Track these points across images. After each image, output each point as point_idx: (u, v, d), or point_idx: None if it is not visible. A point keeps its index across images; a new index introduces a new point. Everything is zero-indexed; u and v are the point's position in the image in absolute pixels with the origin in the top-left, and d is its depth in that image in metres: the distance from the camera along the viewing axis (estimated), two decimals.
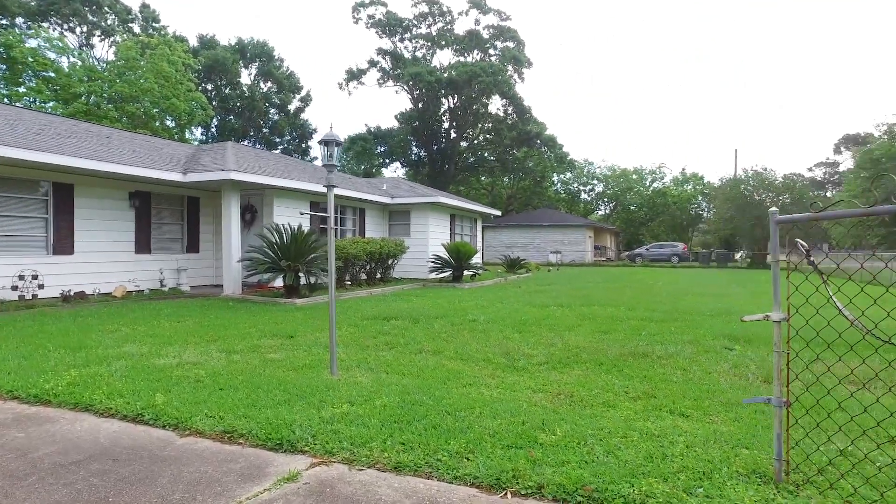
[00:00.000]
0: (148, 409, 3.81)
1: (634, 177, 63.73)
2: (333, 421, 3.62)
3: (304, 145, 51.92)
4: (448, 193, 26.05)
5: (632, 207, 62.58)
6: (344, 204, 17.15)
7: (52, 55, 32.21)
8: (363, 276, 15.50)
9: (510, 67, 48.09)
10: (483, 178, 55.73)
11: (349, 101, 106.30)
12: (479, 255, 22.21)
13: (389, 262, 16.49)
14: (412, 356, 6.29)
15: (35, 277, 10.80)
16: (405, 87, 48.28)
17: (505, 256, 24.90)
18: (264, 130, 50.25)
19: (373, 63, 48.22)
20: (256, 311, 9.98)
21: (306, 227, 13.41)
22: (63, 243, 11.53)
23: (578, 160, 60.17)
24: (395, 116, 51.02)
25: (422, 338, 7.41)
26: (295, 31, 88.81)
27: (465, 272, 18.25)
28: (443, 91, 46.17)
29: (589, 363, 5.94)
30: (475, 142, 52.25)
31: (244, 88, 48.62)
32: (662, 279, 21.68)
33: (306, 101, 52.12)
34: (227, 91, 48.01)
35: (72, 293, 11.26)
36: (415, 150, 51.50)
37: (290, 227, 11.89)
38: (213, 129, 47.72)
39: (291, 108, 51.49)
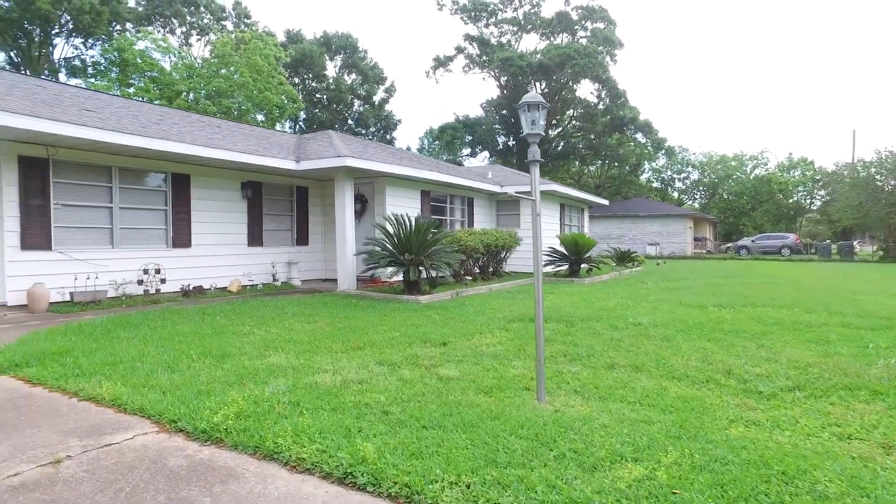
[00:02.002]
0: (357, 466, 2.78)
1: (734, 163, 59.34)
2: (639, 496, 2.45)
3: (388, 136, 51.70)
4: (557, 182, 24.59)
5: (729, 196, 58.26)
6: (452, 193, 16.13)
7: (156, 55, 33.39)
8: (476, 270, 14.43)
9: (601, 49, 45.55)
10: (573, 168, 53.55)
11: (433, 91, 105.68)
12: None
13: (502, 255, 15.32)
14: (609, 373, 5.10)
15: (157, 271, 10.43)
16: (492, 73, 46.88)
17: (614, 249, 23.15)
18: (350, 122, 50.39)
19: (460, 49, 47.14)
20: (383, 310, 9.08)
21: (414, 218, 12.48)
22: (181, 236, 11.15)
23: (674, 146, 56.57)
24: (481, 105, 49.79)
25: (599, 347, 6.19)
26: (378, 21, 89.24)
27: (581, 266, 16.79)
28: (532, 76, 44.34)
29: (859, 390, 4.51)
30: (565, 129, 50.12)
31: (330, 81, 48.89)
32: (800, 274, 19.25)
33: (391, 91, 51.81)
34: (313, 84, 48.47)
35: (191, 287, 10.85)
36: (502, 138, 50.05)
37: (408, 218, 10.96)
38: (301, 123, 48.31)
39: (376, 99, 51.33)
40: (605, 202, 25.00)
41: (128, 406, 3.75)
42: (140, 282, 10.15)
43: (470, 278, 12.99)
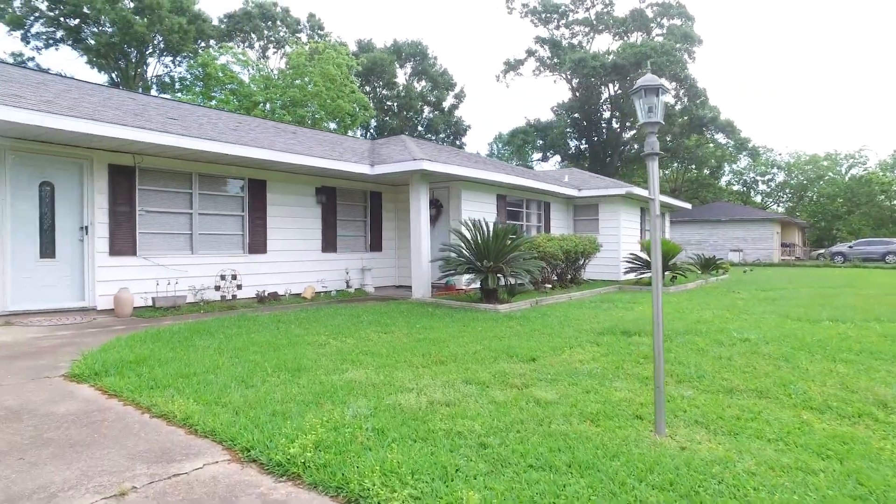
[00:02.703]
0: None
1: (826, 163, 55.15)
2: None
3: (458, 142, 51.55)
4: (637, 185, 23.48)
5: (820, 199, 54.08)
6: (528, 197, 15.52)
7: (236, 68, 34.75)
8: (553, 278, 13.73)
9: (679, 47, 43.50)
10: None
11: (502, 96, 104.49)
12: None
13: (581, 262, 14.55)
14: (729, 399, 4.39)
15: (234, 277, 10.45)
16: (564, 75, 45.83)
17: (697, 255, 21.74)
18: (419, 129, 50.63)
19: (530, 52, 46.40)
20: (462, 319, 8.61)
21: (491, 222, 11.97)
22: (257, 242, 11.16)
23: (758, 146, 53.19)
24: (552, 109, 48.84)
25: (709, 367, 5.45)
26: (448, 27, 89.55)
27: (665, 273, 15.74)
28: (605, 77, 42.95)
29: None
30: (640, 131, 48.24)
31: (400, 88, 49.34)
32: None
33: (460, 97, 51.70)
34: (383, 92, 49.06)
35: (266, 293, 10.81)
36: (573, 142, 48.81)
37: (486, 223, 10.48)
38: (372, 131, 48.98)
39: (445, 105, 51.35)
40: (688, 206, 23.59)
41: (199, 427, 3.43)
42: (217, 287, 10.18)
43: (549, 286, 12.33)
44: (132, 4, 34.05)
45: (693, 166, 51.08)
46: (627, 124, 47.52)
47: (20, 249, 8.42)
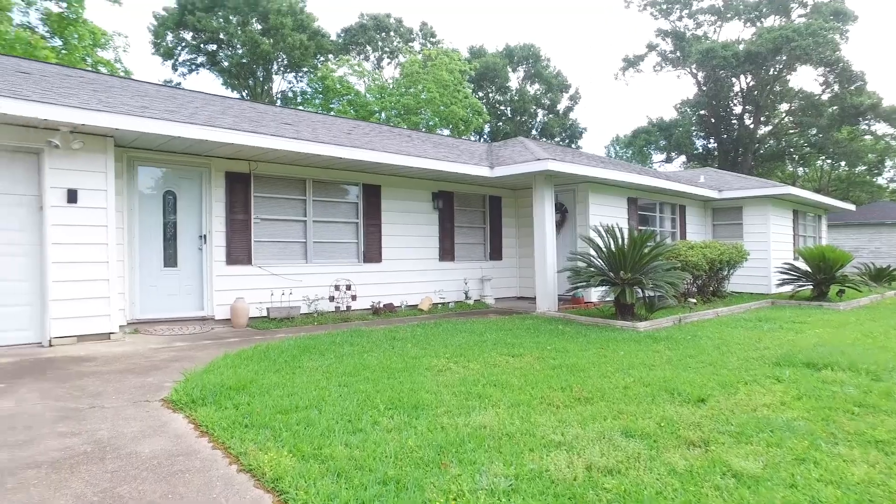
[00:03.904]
0: None
1: None
2: None
3: (573, 145, 49.53)
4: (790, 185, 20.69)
5: None
6: (661, 200, 13.88)
7: (352, 79, 35.74)
8: (693, 290, 12.03)
9: (828, 26, 38.44)
10: (787, 170, 46.24)
11: (620, 96, 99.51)
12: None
13: (725, 272, 12.69)
14: None
15: (348, 287, 10.00)
16: (688, 69, 42.39)
17: (864, 265, 18.60)
18: (534, 133, 49.27)
19: (651, 47, 43.41)
20: (598, 340, 7.41)
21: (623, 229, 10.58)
22: (372, 250, 10.67)
23: None
24: (675, 106, 45.35)
25: None
26: (560, 28, 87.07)
27: (832, 286, 13.35)
28: (737, 68, 39.02)
29: None
30: (777, 126, 43.41)
31: (513, 92, 48.33)
32: None
33: (575, 99, 49.68)
34: (496, 97, 48.29)
35: (381, 305, 10.26)
36: (700, 141, 45.06)
37: (620, 229, 9.20)
38: (485, 136, 48.35)
39: (560, 108, 49.58)
40: (851, 207, 20.34)
41: (290, 498, 2.65)
42: (331, 298, 9.77)
43: (694, 301, 10.71)
44: (259, 26, 36.20)
45: (843, 162, 45.08)
46: (762, 119, 42.93)
47: (147, 259, 8.48)
